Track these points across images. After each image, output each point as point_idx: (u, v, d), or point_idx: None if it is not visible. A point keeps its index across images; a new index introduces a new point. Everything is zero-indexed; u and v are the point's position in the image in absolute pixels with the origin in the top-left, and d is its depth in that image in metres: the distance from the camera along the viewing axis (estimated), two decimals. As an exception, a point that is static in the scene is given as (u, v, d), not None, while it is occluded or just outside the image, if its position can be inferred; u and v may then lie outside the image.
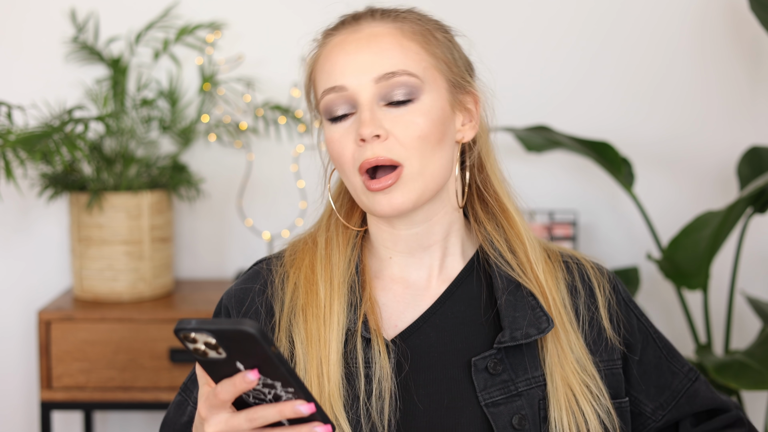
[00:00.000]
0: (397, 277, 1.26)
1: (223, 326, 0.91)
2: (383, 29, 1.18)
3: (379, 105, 1.16)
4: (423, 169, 1.17)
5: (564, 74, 2.50)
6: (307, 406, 0.95)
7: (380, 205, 1.17)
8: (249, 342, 0.91)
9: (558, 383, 1.20)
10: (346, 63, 1.17)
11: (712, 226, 2.14)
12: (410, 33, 1.18)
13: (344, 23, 1.22)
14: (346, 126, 1.18)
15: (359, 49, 1.17)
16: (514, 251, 1.26)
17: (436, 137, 1.17)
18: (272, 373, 0.94)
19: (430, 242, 1.25)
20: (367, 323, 1.21)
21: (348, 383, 1.19)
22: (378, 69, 1.16)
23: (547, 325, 1.21)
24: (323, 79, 1.20)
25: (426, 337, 1.23)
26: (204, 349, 0.94)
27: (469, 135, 1.24)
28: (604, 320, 1.27)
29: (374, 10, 1.21)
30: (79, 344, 2.15)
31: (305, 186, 2.49)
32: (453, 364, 1.21)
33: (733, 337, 2.53)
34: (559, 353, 1.21)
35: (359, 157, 1.16)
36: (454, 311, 1.24)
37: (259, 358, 0.93)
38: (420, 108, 1.17)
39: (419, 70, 1.17)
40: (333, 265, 1.24)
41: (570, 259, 1.30)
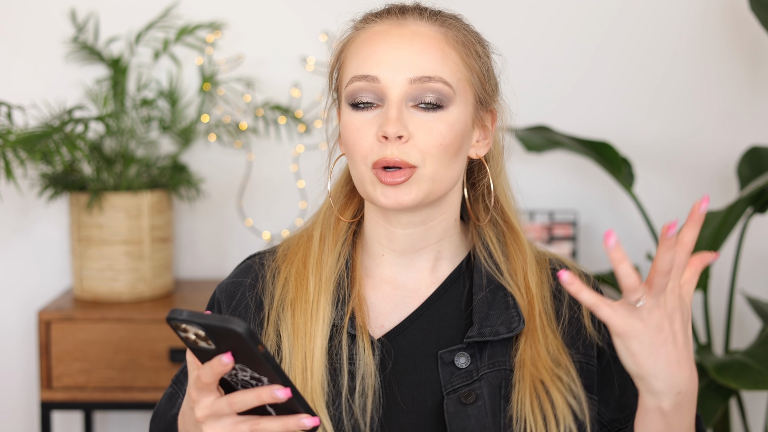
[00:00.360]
0: (387, 277, 1.26)
1: (212, 322, 0.93)
2: (428, 30, 1.17)
3: (407, 105, 1.16)
4: (435, 175, 1.17)
5: (564, 74, 2.50)
6: (283, 391, 0.97)
7: (386, 198, 1.16)
8: (236, 339, 0.93)
9: (526, 380, 1.20)
10: (384, 55, 1.16)
11: (712, 226, 2.14)
12: (453, 41, 1.18)
13: (390, 13, 1.20)
14: (368, 117, 1.17)
15: (401, 44, 1.16)
16: (509, 255, 1.26)
17: (454, 149, 1.17)
18: (259, 369, 0.96)
19: (424, 245, 1.25)
20: (354, 320, 1.21)
21: (332, 379, 1.20)
22: (416, 70, 1.15)
23: (517, 326, 1.21)
24: (356, 63, 1.18)
25: (411, 339, 1.23)
26: (194, 338, 0.97)
27: (482, 152, 1.24)
28: (585, 319, 1.27)
29: (422, 9, 1.20)
30: (79, 344, 2.15)
31: (305, 186, 2.49)
32: (437, 367, 1.22)
33: (733, 337, 2.53)
34: (532, 354, 1.21)
35: (376, 154, 1.15)
36: (441, 314, 1.25)
37: (246, 354, 0.95)
38: (446, 117, 1.16)
39: (454, 80, 1.16)
40: (324, 259, 1.24)
41: (558, 266, 1.31)
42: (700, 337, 2.46)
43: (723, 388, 2.09)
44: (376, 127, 1.16)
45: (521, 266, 1.26)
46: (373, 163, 1.16)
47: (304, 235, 1.29)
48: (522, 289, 1.25)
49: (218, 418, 1.01)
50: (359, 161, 1.17)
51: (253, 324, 1.25)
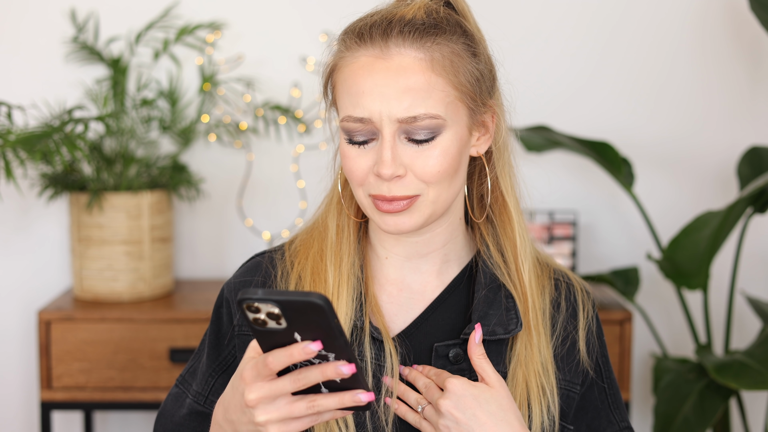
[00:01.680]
0: (393, 278, 1.26)
1: (292, 297, 0.92)
2: (412, 60, 1.14)
3: (401, 138, 1.15)
4: (437, 198, 1.17)
5: (565, 76, 2.50)
6: (348, 367, 0.96)
7: (386, 225, 1.17)
8: (315, 314, 0.92)
9: (518, 380, 1.21)
10: (372, 94, 1.14)
11: (712, 226, 2.14)
12: (440, 65, 1.14)
13: (372, 37, 1.15)
14: (365, 150, 1.17)
15: (387, 81, 1.13)
16: (503, 251, 1.27)
17: (453, 169, 1.17)
18: (329, 345, 0.96)
19: (430, 250, 1.25)
20: (372, 322, 1.21)
21: None
22: (403, 110, 1.13)
23: (514, 328, 1.22)
24: (347, 101, 1.16)
25: (416, 342, 1.23)
26: (264, 318, 0.95)
27: (483, 148, 1.24)
28: (580, 341, 1.27)
29: (405, 29, 1.15)
30: (79, 344, 2.15)
31: (305, 186, 2.49)
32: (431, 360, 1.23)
33: (733, 337, 2.53)
34: (527, 355, 1.22)
35: (374, 188, 1.16)
36: (446, 318, 1.25)
37: (321, 329, 0.94)
38: (440, 144, 1.15)
39: (442, 109, 1.14)
40: (343, 253, 1.24)
41: (561, 278, 1.31)
42: (700, 337, 2.46)
43: (723, 388, 2.09)
44: (371, 160, 1.16)
45: (512, 254, 1.26)
46: (371, 195, 1.16)
47: (317, 226, 1.28)
48: (518, 284, 1.25)
49: (273, 399, 0.99)
50: (356, 186, 1.18)
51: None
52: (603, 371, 1.30)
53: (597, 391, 1.29)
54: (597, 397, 1.29)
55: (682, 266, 2.18)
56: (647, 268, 2.51)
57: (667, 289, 2.53)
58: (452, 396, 1.15)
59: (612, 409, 1.30)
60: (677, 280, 2.18)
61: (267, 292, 0.93)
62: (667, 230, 2.48)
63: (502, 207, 1.28)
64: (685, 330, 2.53)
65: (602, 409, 1.30)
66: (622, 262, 2.53)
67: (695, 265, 2.16)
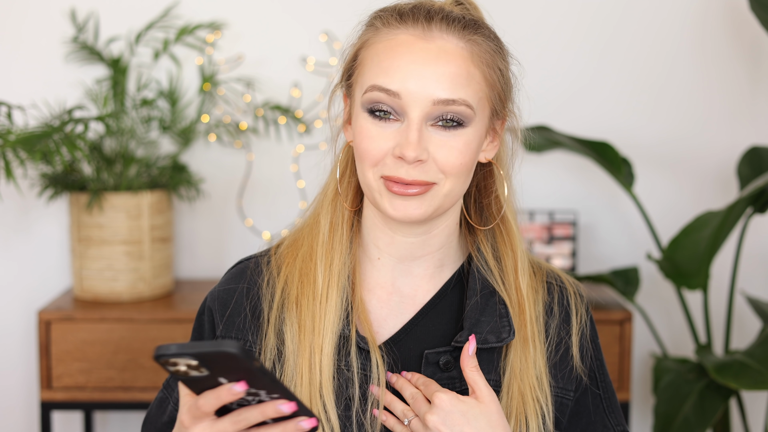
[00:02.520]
0: (383, 282, 1.24)
1: (205, 349, 0.92)
2: (454, 47, 1.13)
3: (426, 124, 1.13)
4: (450, 191, 1.16)
5: (566, 76, 2.50)
6: (288, 405, 0.97)
7: (395, 209, 1.14)
8: (231, 360, 0.93)
9: (514, 394, 1.20)
10: (409, 72, 1.12)
11: (712, 226, 2.14)
12: (479, 59, 1.15)
13: (415, 18, 1.15)
14: (387, 129, 1.14)
15: (427, 62, 1.12)
16: (501, 260, 1.25)
17: (471, 164, 1.17)
18: (256, 384, 0.96)
19: (424, 252, 1.23)
20: (358, 331, 1.20)
21: (338, 385, 1.19)
22: (441, 91, 1.12)
23: (507, 336, 1.21)
24: (377, 73, 1.14)
25: (406, 348, 1.22)
26: (185, 369, 0.96)
27: (490, 154, 1.23)
28: (573, 347, 1.26)
29: (450, 17, 1.15)
30: (79, 344, 2.15)
31: (305, 186, 2.49)
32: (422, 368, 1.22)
33: (733, 337, 2.53)
34: (521, 366, 1.21)
35: (390, 169, 1.13)
36: (436, 322, 1.23)
37: (243, 373, 0.95)
38: (465, 137, 1.14)
39: (476, 101, 1.14)
40: (335, 251, 1.22)
41: (554, 281, 1.29)
42: (700, 337, 2.46)
43: (723, 388, 2.09)
44: (392, 142, 1.13)
45: (512, 262, 1.25)
46: (385, 176, 1.14)
47: (308, 222, 1.26)
48: (513, 291, 1.23)
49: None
50: (368, 167, 1.15)
51: (250, 331, 1.23)
52: (597, 375, 1.29)
53: (591, 396, 1.28)
54: (591, 402, 1.28)
55: (682, 266, 2.18)
56: (647, 268, 2.51)
57: (667, 289, 2.53)
58: (440, 411, 1.13)
59: (607, 413, 1.29)
60: (677, 280, 2.18)
61: (180, 347, 0.93)
62: (667, 230, 2.48)
63: (503, 220, 1.27)
64: (685, 330, 2.53)
65: (597, 414, 1.28)
66: (622, 262, 2.53)
67: (695, 265, 2.16)
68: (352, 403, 1.18)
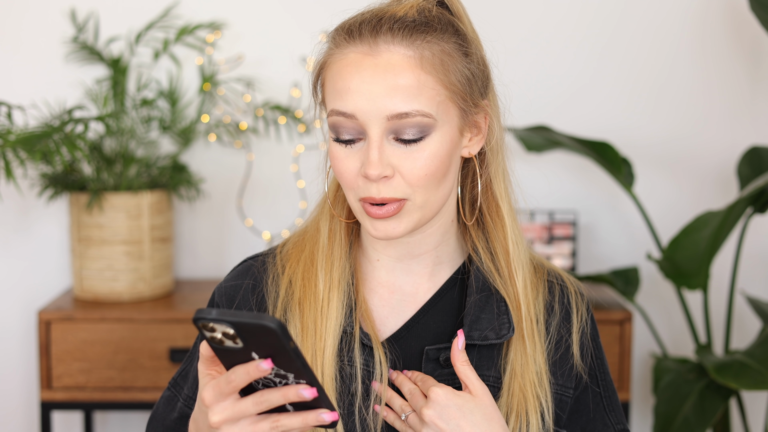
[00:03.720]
0: (384, 281, 1.25)
1: (245, 319, 0.92)
2: (401, 58, 1.12)
3: (389, 138, 1.13)
4: (425, 203, 1.15)
5: (566, 76, 2.50)
6: (309, 390, 0.97)
7: (376, 231, 1.15)
8: (268, 336, 0.93)
9: (515, 391, 1.20)
10: (359, 91, 1.12)
11: (712, 226, 2.14)
12: (429, 63, 1.12)
13: (361, 33, 1.14)
14: (352, 150, 1.14)
15: (375, 78, 1.11)
16: (495, 254, 1.25)
17: (442, 172, 1.15)
18: (287, 366, 0.96)
19: (421, 251, 1.24)
20: (362, 328, 1.21)
21: (341, 381, 1.20)
22: (391, 107, 1.11)
23: (507, 333, 1.21)
24: (334, 96, 1.15)
25: (408, 345, 1.23)
26: (221, 337, 0.95)
27: (475, 149, 1.22)
28: (574, 345, 1.26)
29: (395, 27, 1.13)
30: (79, 344, 2.15)
31: (305, 186, 2.49)
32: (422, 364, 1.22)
33: (733, 337, 2.53)
34: (522, 365, 1.21)
35: (362, 191, 1.14)
36: (437, 320, 1.24)
37: (276, 350, 0.94)
38: (429, 146, 1.13)
39: (433, 107, 1.12)
40: (334, 258, 1.23)
41: (555, 280, 1.29)
42: (700, 337, 2.46)
43: (723, 388, 2.09)
44: (359, 161, 1.14)
45: (505, 258, 1.24)
46: (361, 198, 1.14)
47: (309, 229, 1.27)
48: (511, 289, 1.24)
49: (236, 420, 1.00)
50: (348, 191, 1.16)
51: None
52: (598, 374, 1.29)
53: (591, 394, 1.28)
54: (591, 400, 1.28)
55: (682, 266, 2.18)
56: (647, 268, 2.51)
57: (667, 289, 2.53)
58: (436, 405, 1.14)
59: (607, 411, 1.29)
60: (677, 280, 2.18)
61: (221, 313, 0.93)
62: (667, 230, 2.48)
63: (495, 212, 1.26)
64: (685, 330, 2.53)
65: (597, 412, 1.28)
66: (622, 262, 2.53)
67: (695, 265, 2.16)
68: (355, 400, 1.19)
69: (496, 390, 1.21)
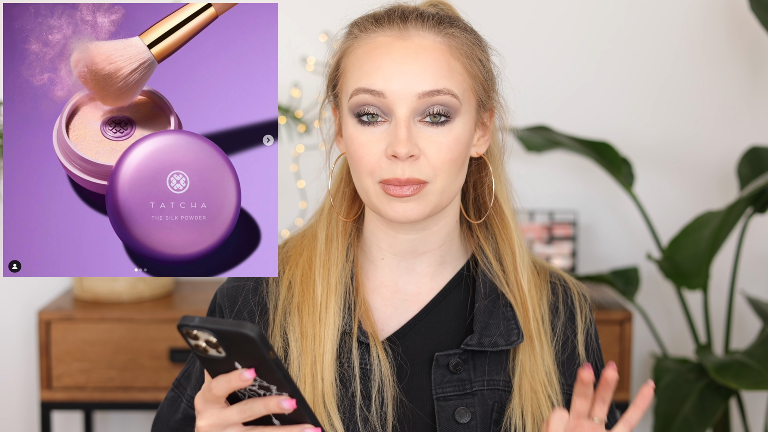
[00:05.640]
0: (386, 281, 1.25)
1: (225, 327, 0.93)
2: (432, 42, 1.15)
3: (414, 120, 1.14)
4: (444, 189, 1.16)
5: (566, 76, 2.50)
6: (288, 402, 0.98)
7: (394, 211, 1.15)
8: (248, 345, 0.93)
9: (526, 392, 1.20)
10: (391, 71, 1.13)
11: (712, 226, 2.14)
12: (457, 51, 1.16)
13: (390, 20, 1.17)
14: (375, 133, 1.15)
15: (406, 59, 1.13)
16: (502, 260, 1.26)
17: (462, 159, 1.17)
18: (269, 377, 0.96)
19: (425, 249, 1.24)
20: (361, 326, 1.21)
21: (342, 384, 1.19)
22: (424, 84, 1.13)
23: (516, 339, 1.21)
24: (360, 76, 1.15)
25: (410, 344, 1.23)
26: (204, 346, 0.96)
27: (482, 149, 1.23)
28: (580, 345, 1.27)
29: (424, 16, 1.17)
30: (79, 344, 2.15)
31: (305, 186, 2.49)
32: (431, 370, 1.22)
33: (733, 337, 2.53)
34: (531, 366, 1.22)
35: (386, 172, 1.14)
36: (440, 320, 1.24)
37: (257, 360, 0.95)
38: (454, 130, 1.15)
39: (460, 91, 1.15)
40: (331, 263, 1.23)
41: (558, 281, 1.30)
42: (700, 337, 2.46)
43: (723, 388, 2.09)
44: (383, 143, 1.14)
45: (511, 261, 1.25)
46: (384, 180, 1.14)
47: (307, 234, 1.28)
48: (516, 291, 1.24)
49: (222, 428, 1.02)
50: (365, 175, 1.16)
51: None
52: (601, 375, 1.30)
53: None
54: None
55: (682, 266, 2.18)
56: (647, 268, 2.51)
57: (667, 289, 2.53)
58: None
59: (611, 409, 1.30)
60: (677, 280, 2.18)
61: (203, 320, 0.93)
62: (667, 230, 2.48)
63: (500, 216, 1.27)
64: (685, 330, 2.53)
65: None
66: (622, 262, 2.53)
67: (695, 265, 2.16)
68: (355, 401, 1.19)
69: (508, 395, 1.22)
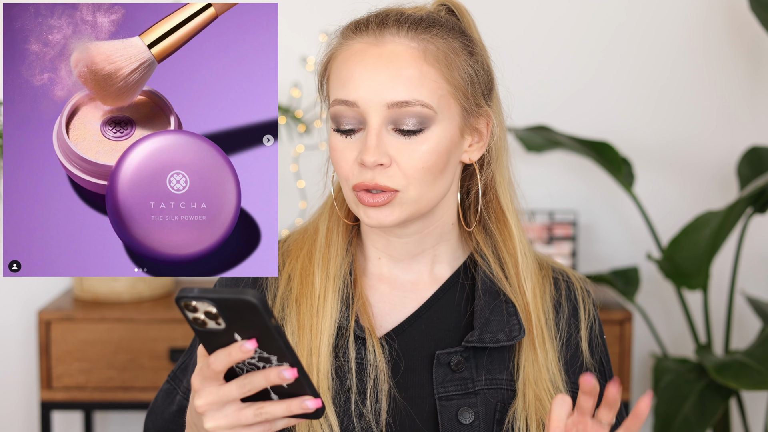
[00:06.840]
0: (385, 277, 1.25)
1: (226, 295, 0.91)
2: (405, 49, 1.14)
3: (388, 129, 1.14)
4: (419, 197, 1.16)
5: (566, 76, 2.50)
6: (289, 371, 0.95)
7: (369, 219, 1.16)
8: (250, 312, 0.92)
9: (530, 400, 1.20)
10: (362, 79, 1.13)
11: (712, 226, 2.14)
12: (433, 57, 1.14)
13: (368, 27, 1.17)
14: (351, 141, 1.15)
15: (377, 67, 1.13)
16: (504, 263, 1.25)
17: (439, 168, 1.16)
18: (269, 346, 0.95)
19: (420, 251, 1.24)
20: (359, 321, 1.21)
21: (338, 378, 1.19)
22: (392, 95, 1.12)
23: (517, 334, 1.21)
24: (337, 85, 1.16)
25: (410, 340, 1.22)
26: (203, 318, 0.94)
27: (475, 156, 1.22)
28: (583, 342, 1.26)
29: (402, 20, 1.16)
30: (79, 344, 2.15)
31: (305, 186, 2.49)
32: (432, 368, 1.22)
33: (733, 337, 2.53)
34: (535, 374, 1.21)
35: (357, 178, 1.14)
36: (439, 316, 1.24)
37: (258, 329, 0.93)
38: (428, 138, 1.14)
39: (434, 100, 1.13)
40: (331, 256, 1.23)
41: (560, 276, 1.29)
42: (700, 337, 2.46)
43: (723, 388, 2.09)
44: (356, 151, 1.15)
45: (513, 265, 1.25)
46: (354, 186, 1.15)
47: (309, 228, 1.28)
48: (518, 292, 1.24)
49: (221, 406, 0.99)
50: (343, 182, 1.17)
51: None
52: (606, 370, 1.30)
53: (602, 390, 1.28)
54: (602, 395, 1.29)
55: (682, 266, 2.18)
56: (647, 268, 2.51)
57: (667, 289, 2.53)
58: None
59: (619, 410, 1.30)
60: (677, 280, 2.18)
61: (203, 291, 0.92)
62: (667, 230, 2.48)
63: (502, 222, 1.26)
64: (685, 330, 2.53)
65: None
66: (622, 262, 2.53)
67: (695, 265, 2.16)
68: (350, 395, 1.19)
69: (511, 394, 1.21)
